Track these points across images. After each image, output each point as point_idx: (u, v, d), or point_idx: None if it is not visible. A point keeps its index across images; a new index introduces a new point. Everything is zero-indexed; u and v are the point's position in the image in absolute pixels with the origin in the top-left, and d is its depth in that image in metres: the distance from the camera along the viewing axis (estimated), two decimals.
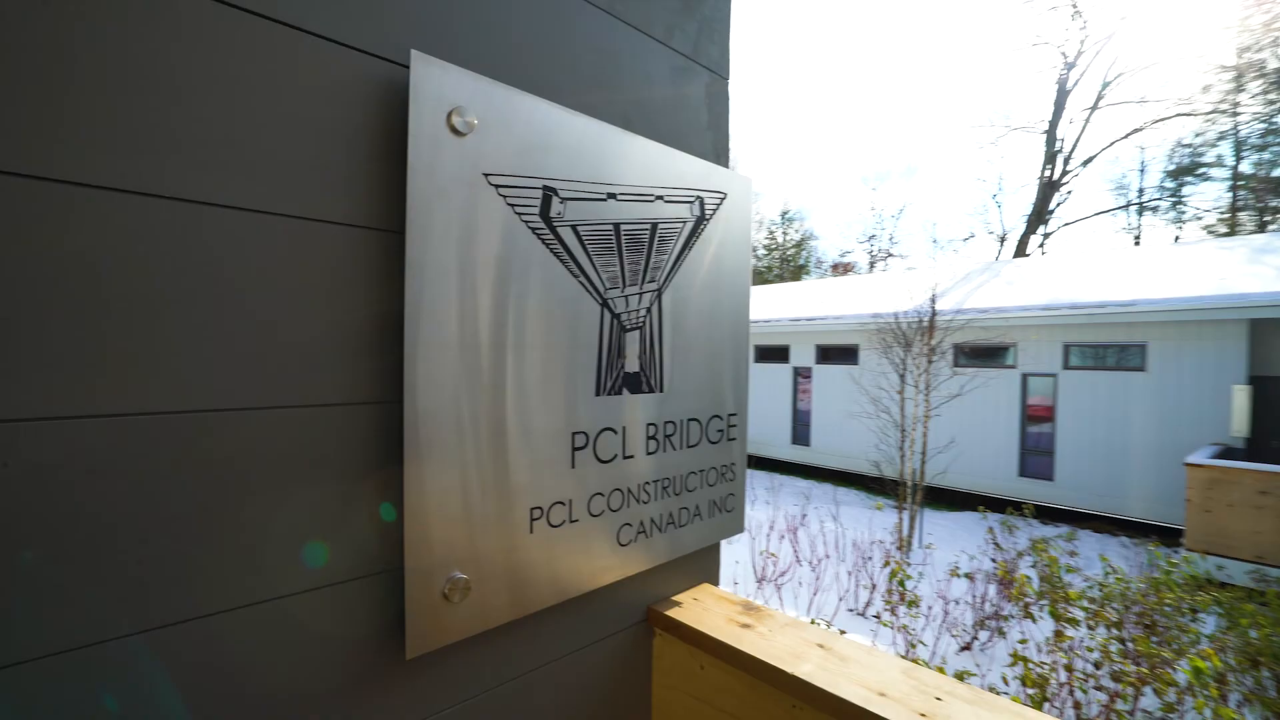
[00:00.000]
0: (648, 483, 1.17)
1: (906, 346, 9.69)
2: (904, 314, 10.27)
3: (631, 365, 1.13)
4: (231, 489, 0.70)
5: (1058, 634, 3.46)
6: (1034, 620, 3.86)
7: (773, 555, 6.00)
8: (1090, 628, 3.54)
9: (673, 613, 1.20)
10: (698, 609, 1.23)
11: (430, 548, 0.83)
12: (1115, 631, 3.52)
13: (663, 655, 1.21)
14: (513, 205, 0.92)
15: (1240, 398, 9.52)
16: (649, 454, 1.17)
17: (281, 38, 0.72)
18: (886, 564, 4.91)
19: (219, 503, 0.69)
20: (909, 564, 4.86)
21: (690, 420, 1.26)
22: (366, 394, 0.81)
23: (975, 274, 16.23)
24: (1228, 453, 9.15)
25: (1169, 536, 9.06)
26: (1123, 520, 10.31)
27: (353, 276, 0.80)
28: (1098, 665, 3.33)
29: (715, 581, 1.40)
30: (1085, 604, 3.83)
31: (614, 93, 1.12)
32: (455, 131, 0.85)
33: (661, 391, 1.19)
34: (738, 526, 1.42)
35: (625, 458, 1.12)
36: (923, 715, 0.87)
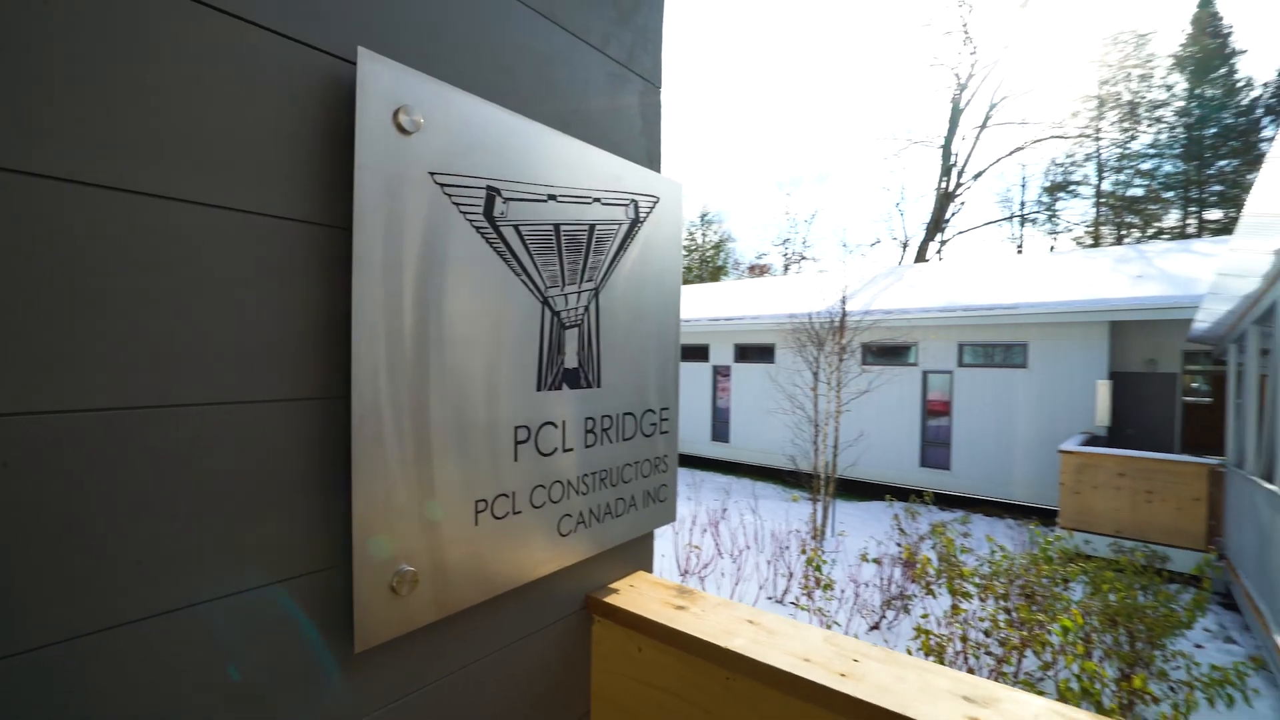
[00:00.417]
0: (586, 475, 1.21)
1: (819, 346, 10.18)
2: (817, 314, 10.78)
3: (570, 361, 1.17)
4: (175, 486, 0.68)
5: (954, 608, 3.78)
6: (934, 596, 4.20)
7: (696, 548, 6.17)
8: (981, 600, 3.89)
9: (611, 599, 1.25)
10: (634, 594, 1.28)
11: (378, 541, 0.84)
12: (1002, 603, 3.89)
13: (601, 641, 1.26)
14: (458, 204, 0.94)
15: (1103, 391, 10.63)
16: (587, 447, 1.21)
17: (225, 27, 0.71)
18: (803, 552, 5.17)
19: (161, 501, 0.67)
20: (823, 552, 5.15)
21: (625, 414, 1.31)
22: (313, 389, 0.81)
23: (881, 277, 17.25)
24: (1093, 440, 10.22)
25: (1047, 517, 10.02)
26: (1009, 504, 11.29)
27: (299, 272, 0.79)
28: (987, 634, 3.67)
29: (649, 569, 1.46)
30: (977, 580, 4.21)
31: (554, 97, 1.16)
32: (402, 130, 0.86)
33: (598, 387, 1.24)
34: (670, 515, 1.49)
35: (565, 451, 1.16)
36: (843, 675, 0.97)
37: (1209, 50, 28.76)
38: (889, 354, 13.42)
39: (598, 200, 1.22)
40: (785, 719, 0.99)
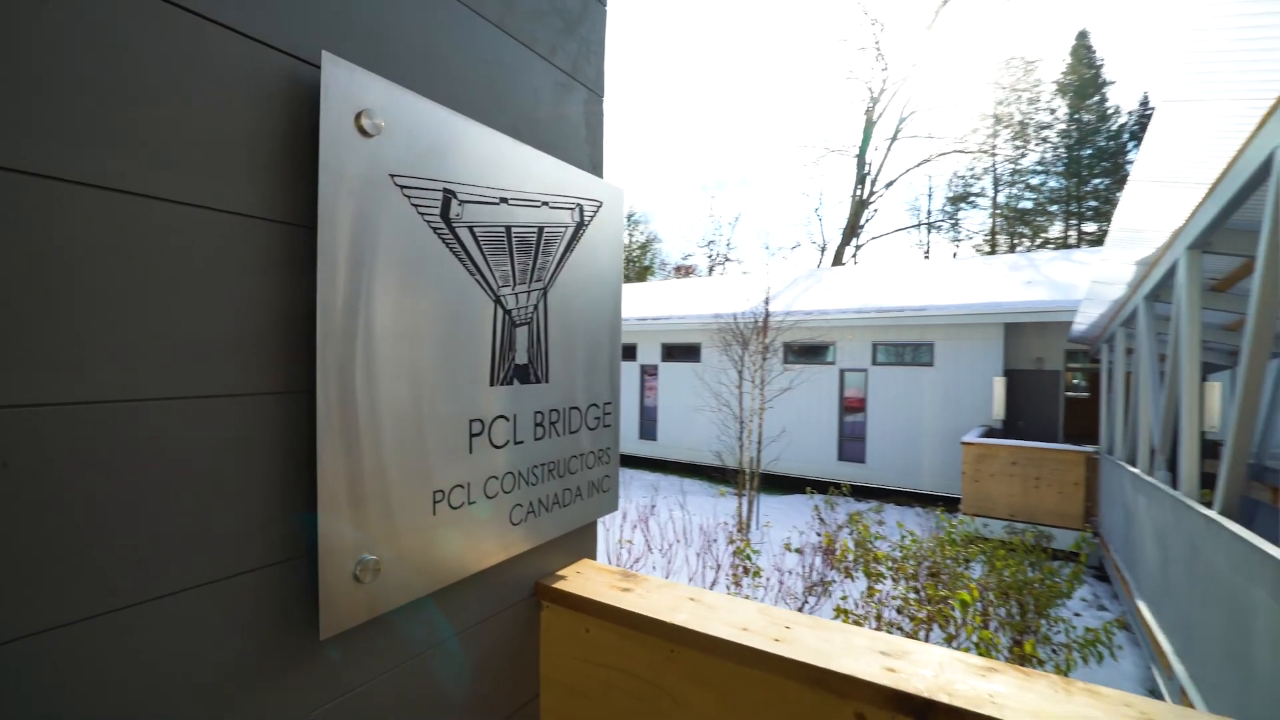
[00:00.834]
0: (536, 466, 1.27)
1: (744, 345, 10.54)
2: (742, 315, 11.16)
3: (521, 358, 1.22)
4: (140, 481, 0.69)
5: (870, 589, 4.06)
6: (853, 579, 4.49)
7: (628, 543, 6.27)
8: (894, 581, 4.20)
9: (559, 585, 1.31)
10: (581, 580, 1.35)
11: (342, 531, 0.87)
12: (912, 583, 4.21)
13: (550, 625, 1.32)
14: (416, 206, 0.98)
15: (999, 387, 11.55)
16: (536, 440, 1.27)
17: (193, 27, 0.73)
18: (731, 542, 5.38)
19: (127, 496, 0.68)
20: (749, 542, 5.37)
21: (571, 408, 1.38)
22: (276, 384, 0.83)
23: (802, 279, 18.00)
24: (990, 432, 11.10)
25: (951, 504, 10.80)
26: (918, 493, 12.08)
27: (263, 269, 0.81)
28: (899, 611, 3.96)
29: (593, 556, 1.52)
30: (890, 563, 4.53)
31: (505, 104, 1.20)
32: (363, 133, 0.89)
33: (547, 382, 1.29)
34: (612, 505, 1.56)
35: (516, 443, 1.21)
36: (777, 640, 1.07)
37: (1085, 79, 31.80)
38: (809, 353, 14.04)
39: (546, 204, 1.27)
40: (726, 682, 1.08)
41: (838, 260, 33.38)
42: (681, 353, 15.75)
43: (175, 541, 0.72)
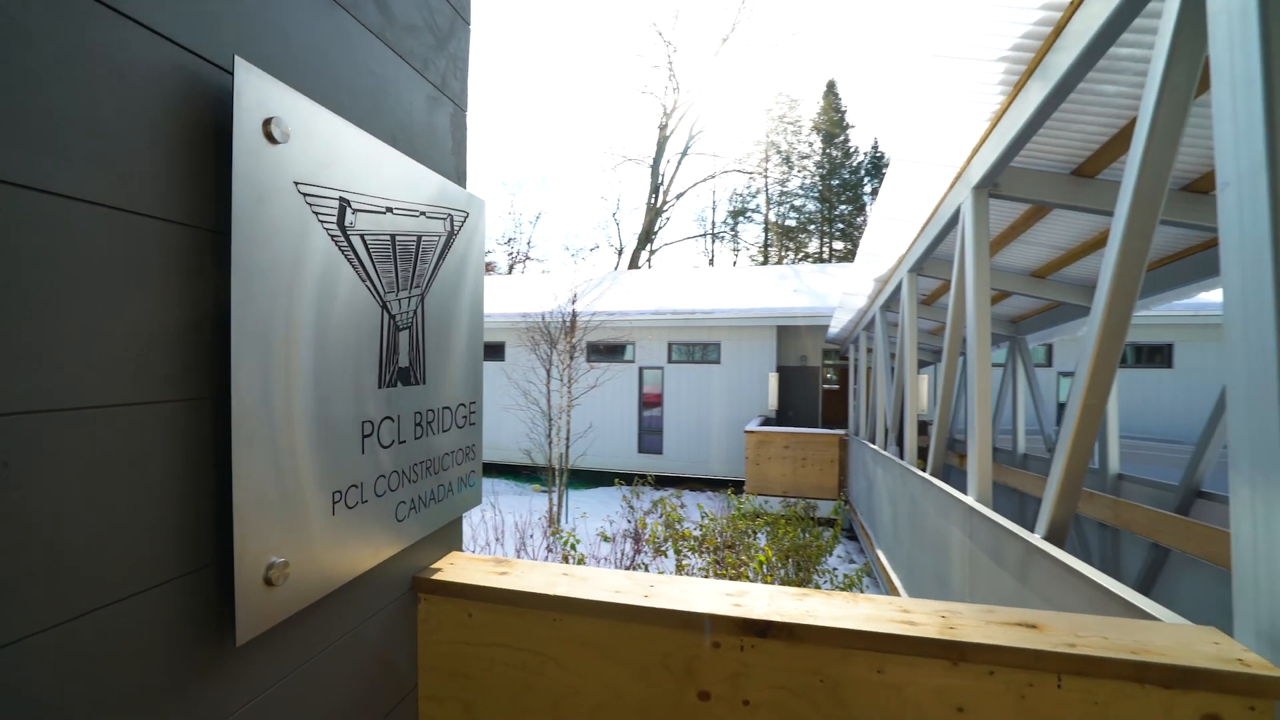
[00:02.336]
0: (416, 464, 1.32)
1: (552, 344, 10.74)
2: (549, 314, 11.35)
3: (403, 361, 1.27)
4: (38, 497, 0.66)
5: (679, 565, 4.52)
6: (665, 557, 4.94)
7: None
8: (699, 555, 4.73)
9: (438, 577, 1.38)
10: (458, 570, 1.42)
11: (255, 535, 0.87)
12: (712, 555, 4.78)
13: (429, 616, 1.37)
14: (317, 213, 1.00)
15: (773, 382, 13.23)
16: (416, 439, 1.32)
17: (108, 21, 0.71)
18: (556, 534, 5.54)
19: (23, 514, 0.65)
20: (572, 533, 5.58)
21: (444, 408, 1.44)
22: (182, 390, 0.81)
23: (604, 281, 18.74)
24: (767, 421, 12.70)
25: (738, 485, 12.14)
26: (710, 479, 13.36)
27: (170, 273, 0.79)
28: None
29: (461, 549, 1.60)
30: (694, 541, 5.07)
31: (387, 115, 1.24)
32: (272, 139, 0.90)
33: (424, 384, 1.35)
34: (477, 499, 1.65)
35: (400, 443, 1.25)
36: (645, 596, 1.28)
37: (834, 121, 37.62)
38: (611, 352, 14.72)
39: (423, 214, 1.33)
40: (605, 639, 1.26)
41: (634, 264, 35.25)
42: (488, 351, 15.47)
43: (79, 561, 0.69)
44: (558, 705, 1.29)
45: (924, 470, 4.52)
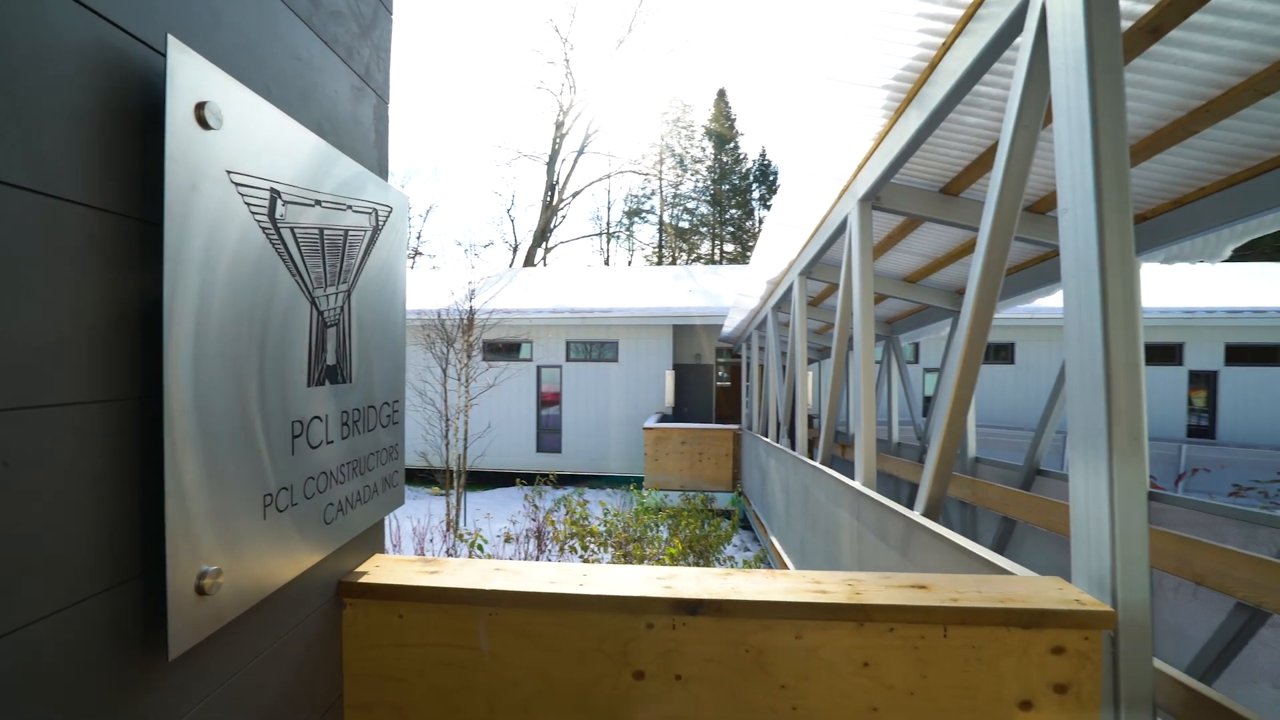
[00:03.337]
0: (343, 464, 1.28)
1: (449, 343, 10.39)
2: (445, 311, 10.96)
3: (331, 358, 1.23)
4: None
5: (585, 561, 4.56)
6: (572, 554, 4.96)
7: None
8: (605, 550, 4.80)
9: (365, 580, 1.34)
10: (385, 572, 1.39)
11: (186, 543, 0.83)
12: (619, 549, 4.87)
13: (355, 621, 1.34)
14: (249, 204, 0.96)
15: (669, 379, 13.58)
16: (344, 439, 1.28)
17: None
18: (460, 538, 5.39)
19: None
20: (467, 536, 5.45)
21: (369, 407, 1.41)
22: (107, 391, 0.76)
23: (500, 278, 18.34)
24: (664, 418, 13.01)
25: (638, 482, 12.34)
26: (609, 476, 13.49)
27: (95, 263, 0.74)
28: None
29: (383, 550, 1.56)
30: (599, 537, 5.14)
31: (313, 104, 1.20)
32: (204, 125, 0.86)
33: (350, 382, 1.31)
34: (400, 499, 1.61)
35: (328, 443, 1.22)
36: (580, 584, 1.32)
37: (724, 128, 39.09)
38: (508, 350, 14.47)
39: (350, 207, 1.29)
40: (541, 629, 1.29)
41: (529, 261, 34.72)
42: None
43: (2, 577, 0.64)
44: (494, 700, 1.31)
45: (814, 460, 4.86)
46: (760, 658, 1.25)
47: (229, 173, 0.91)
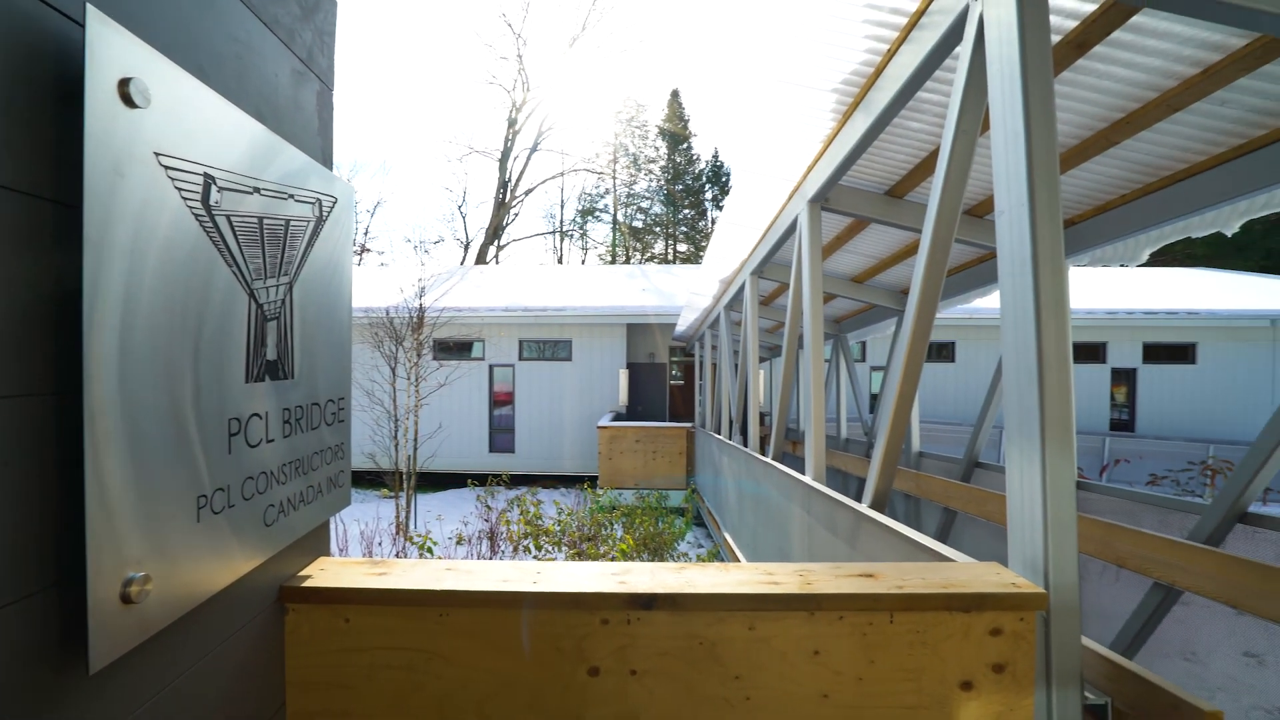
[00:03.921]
0: (285, 464, 1.23)
1: (399, 342, 10.11)
2: (395, 309, 10.67)
3: (271, 354, 1.18)
4: None
5: (539, 559, 4.52)
6: (526, 554, 4.90)
7: None
8: (560, 549, 4.76)
9: (309, 584, 1.29)
10: (331, 575, 1.34)
11: (110, 548, 0.78)
12: (573, 549, 4.84)
13: (298, 627, 1.28)
14: (180, 189, 0.91)
15: (623, 378, 13.59)
16: (285, 437, 1.23)
17: None
18: (410, 540, 5.25)
19: None
20: (416, 539, 5.31)
21: (313, 404, 1.35)
22: (16, 385, 0.71)
23: (451, 276, 17.98)
24: (619, 416, 13.01)
25: (592, 480, 12.30)
26: (563, 476, 13.40)
27: (6, 250, 0.69)
28: None
29: (329, 553, 1.50)
30: (554, 536, 5.09)
31: (252, 87, 1.14)
32: (130, 103, 0.81)
33: (293, 378, 1.26)
34: (346, 500, 1.56)
35: (268, 441, 1.16)
36: (534, 581, 1.31)
37: (678, 129, 39.35)
38: (460, 349, 14.20)
39: (291, 197, 1.24)
40: (494, 628, 1.27)
41: (481, 259, 34.13)
42: None
43: None
44: (444, 702, 1.28)
45: (766, 456, 4.95)
46: (714, 650, 1.27)
47: (158, 155, 0.86)
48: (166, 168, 0.87)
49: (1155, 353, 13.73)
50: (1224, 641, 2.94)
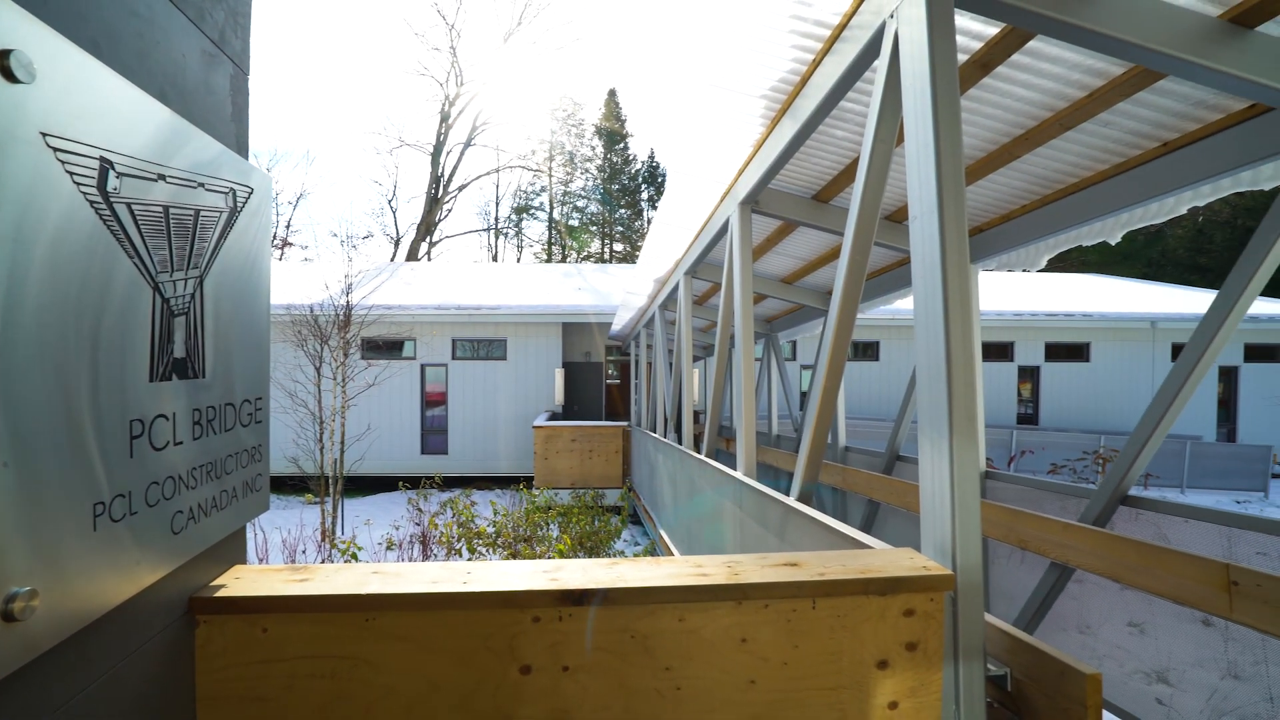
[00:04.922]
0: (195, 468, 1.16)
1: (324, 340, 9.67)
2: (319, 306, 10.19)
3: (179, 351, 1.11)
4: None
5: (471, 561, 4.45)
6: (459, 556, 4.79)
7: None
8: (495, 551, 4.68)
9: (222, 594, 1.22)
10: (247, 583, 1.28)
11: None
12: (509, 550, 4.78)
13: (210, 640, 1.22)
14: (72, 174, 0.85)
15: (559, 378, 13.50)
16: (195, 439, 1.16)
17: None
18: (334, 546, 5.03)
19: None
20: (351, 542, 5.09)
21: (227, 404, 1.29)
22: None
23: (381, 272, 17.33)
24: (555, 416, 12.92)
25: (528, 481, 12.15)
26: (498, 477, 13.18)
27: None
28: None
29: (244, 561, 1.43)
30: (489, 537, 5.01)
31: (154, 67, 1.07)
32: (11, 77, 0.74)
33: (204, 377, 1.19)
34: (264, 505, 1.48)
35: (176, 444, 1.10)
36: (464, 581, 1.29)
37: (615, 128, 39.41)
38: (390, 349, 13.73)
39: (202, 185, 1.18)
40: (422, 631, 1.25)
41: (412, 255, 33.08)
42: None
43: None
44: (371, 710, 1.24)
45: (699, 453, 5.04)
46: (645, 643, 1.29)
47: (45, 135, 0.80)
48: (55, 149, 0.81)
49: (1056, 351, 14.87)
50: (1111, 613, 3.22)
